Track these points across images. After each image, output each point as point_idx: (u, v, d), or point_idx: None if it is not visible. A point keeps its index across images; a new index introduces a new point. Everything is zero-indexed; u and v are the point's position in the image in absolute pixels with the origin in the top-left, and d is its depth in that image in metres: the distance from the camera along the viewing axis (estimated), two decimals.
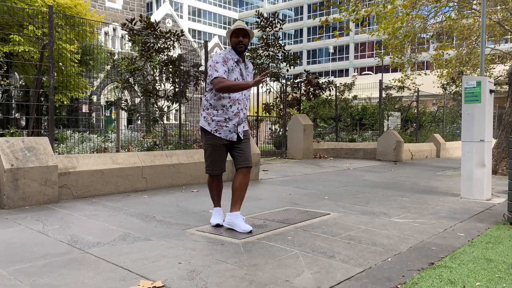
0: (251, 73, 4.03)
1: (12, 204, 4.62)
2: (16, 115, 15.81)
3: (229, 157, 4.02)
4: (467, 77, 5.74)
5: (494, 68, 18.60)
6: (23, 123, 15.48)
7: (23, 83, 14.87)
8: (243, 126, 3.93)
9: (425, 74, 18.39)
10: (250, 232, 3.69)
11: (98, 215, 4.34)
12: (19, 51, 11.11)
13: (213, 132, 3.79)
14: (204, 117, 3.86)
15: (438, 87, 18.51)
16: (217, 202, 4.03)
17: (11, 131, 7.01)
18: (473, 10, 13.42)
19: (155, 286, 2.43)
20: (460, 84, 17.23)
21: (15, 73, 14.09)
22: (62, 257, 2.95)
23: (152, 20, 8.68)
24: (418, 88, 15.99)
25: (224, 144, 3.83)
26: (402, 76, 18.27)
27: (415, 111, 16.07)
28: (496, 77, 18.25)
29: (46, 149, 5.03)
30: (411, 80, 18.01)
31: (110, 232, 3.65)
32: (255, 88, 12.46)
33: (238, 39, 3.81)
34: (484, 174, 5.60)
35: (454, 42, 17.15)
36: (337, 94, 14.98)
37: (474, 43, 15.63)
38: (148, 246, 3.25)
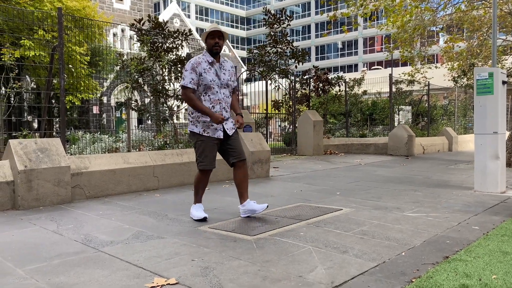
0: (228, 71, 4.12)
1: (27, 205, 4.68)
2: (28, 118, 16.01)
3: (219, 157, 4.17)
4: (479, 68, 5.66)
5: (506, 60, 18.31)
6: (35, 125, 15.68)
7: (34, 86, 15.04)
8: (231, 123, 4.12)
9: (436, 67, 18.18)
10: (267, 207, 4.12)
11: (111, 215, 4.37)
12: (30, 55, 11.23)
13: (201, 133, 3.99)
14: (191, 121, 4.04)
15: (449, 80, 18.28)
16: (200, 198, 4.20)
17: (24, 133, 7.10)
18: (483, 1, 13.24)
19: (169, 284, 2.44)
20: (471, 76, 17.02)
21: (26, 76, 14.25)
22: (77, 256, 2.98)
23: (160, 20, 8.71)
24: (428, 82, 15.82)
25: (215, 142, 4.03)
26: (412, 70, 18.08)
27: (426, 105, 15.92)
28: (508, 68, 17.96)
29: (58, 150, 5.08)
30: (421, 73, 17.82)
31: (123, 231, 3.67)
32: (264, 85, 12.45)
33: (214, 40, 3.97)
34: (498, 166, 5.53)
35: (464, 34, 16.92)
36: (347, 89, 14.89)
37: (485, 34, 15.41)
38: (161, 244, 3.27)
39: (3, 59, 9.96)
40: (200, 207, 4.14)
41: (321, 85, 12.91)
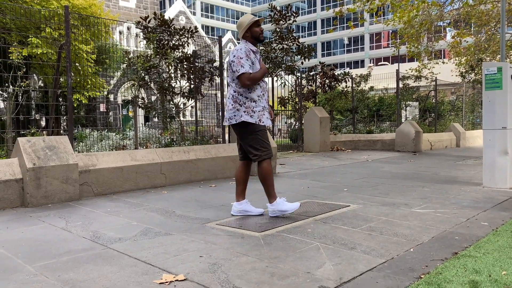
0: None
1: (36, 202, 4.71)
2: (36, 116, 16.12)
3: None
4: (488, 63, 5.61)
5: None
6: (43, 123, 15.78)
7: (42, 84, 15.14)
8: None
9: (443, 62, 18.06)
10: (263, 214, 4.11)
11: (119, 212, 4.39)
12: (38, 53, 11.30)
13: (258, 122, 3.91)
14: (245, 111, 3.91)
15: (456, 75, 18.16)
16: (275, 192, 4.04)
17: (32, 131, 7.15)
18: None
19: (177, 280, 2.45)
20: (479, 71, 16.88)
21: (34, 75, 14.34)
22: (86, 253, 2.99)
23: (166, 17, 8.71)
24: (435, 77, 15.71)
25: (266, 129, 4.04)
26: (419, 65, 17.98)
27: (433, 100, 15.81)
28: None
29: (66, 148, 5.11)
30: (429, 69, 17.70)
31: (131, 228, 3.69)
32: (270, 82, 12.44)
33: (260, 28, 4.00)
34: (507, 162, 5.48)
35: (472, 29, 16.77)
36: (353, 85, 14.83)
37: (493, 29, 15.26)
38: (169, 240, 3.28)
39: (11, 58, 10.02)
40: (284, 200, 4.03)
41: (327, 81, 12.86)
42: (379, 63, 41.47)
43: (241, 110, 3.90)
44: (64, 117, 12.57)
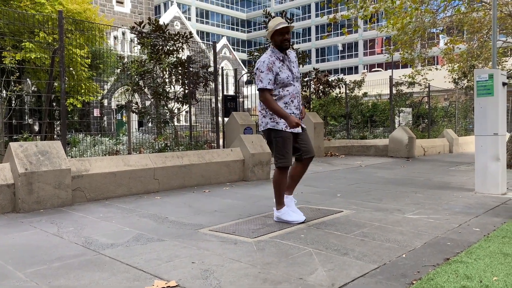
0: (295, 62, 4.05)
1: (27, 208, 4.68)
2: (29, 121, 16.03)
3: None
4: (479, 70, 5.66)
5: (506, 61, 18.31)
6: (37, 128, 15.69)
7: (35, 89, 15.06)
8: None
9: (436, 69, 18.19)
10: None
11: (112, 217, 4.37)
12: (32, 58, 11.25)
13: (284, 129, 3.87)
14: (270, 118, 3.90)
15: (449, 82, 18.30)
16: (284, 201, 4.01)
17: (25, 136, 7.10)
18: (483, 3, 13.25)
19: (169, 286, 2.43)
20: (472, 78, 17.03)
21: (27, 79, 14.27)
22: (77, 259, 2.97)
23: (161, 23, 8.72)
24: (429, 84, 15.82)
25: (291, 137, 3.96)
26: (413, 71, 18.09)
27: (427, 106, 15.92)
28: (508, 70, 17.95)
29: (59, 153, 5.09)
30: (422, 75, 17.82)
31: (123, 234, 3.67)
32: None
33: (283, 37, 3.86)
34: (498, 168, 5.52)
35: (464, 36, 16.92)
36: (347, 91, 14.89)
37: (485, 36, 15.41)
38: (161, 246, 3.26)
39: (4, 62, 9.98)
40: (290, 210, 4.00)
41: (321, 87, 12.92)
42: (373, 69, 41.69)
43: (267, 117, 3.91)
44: (58, 122, 12.50)
